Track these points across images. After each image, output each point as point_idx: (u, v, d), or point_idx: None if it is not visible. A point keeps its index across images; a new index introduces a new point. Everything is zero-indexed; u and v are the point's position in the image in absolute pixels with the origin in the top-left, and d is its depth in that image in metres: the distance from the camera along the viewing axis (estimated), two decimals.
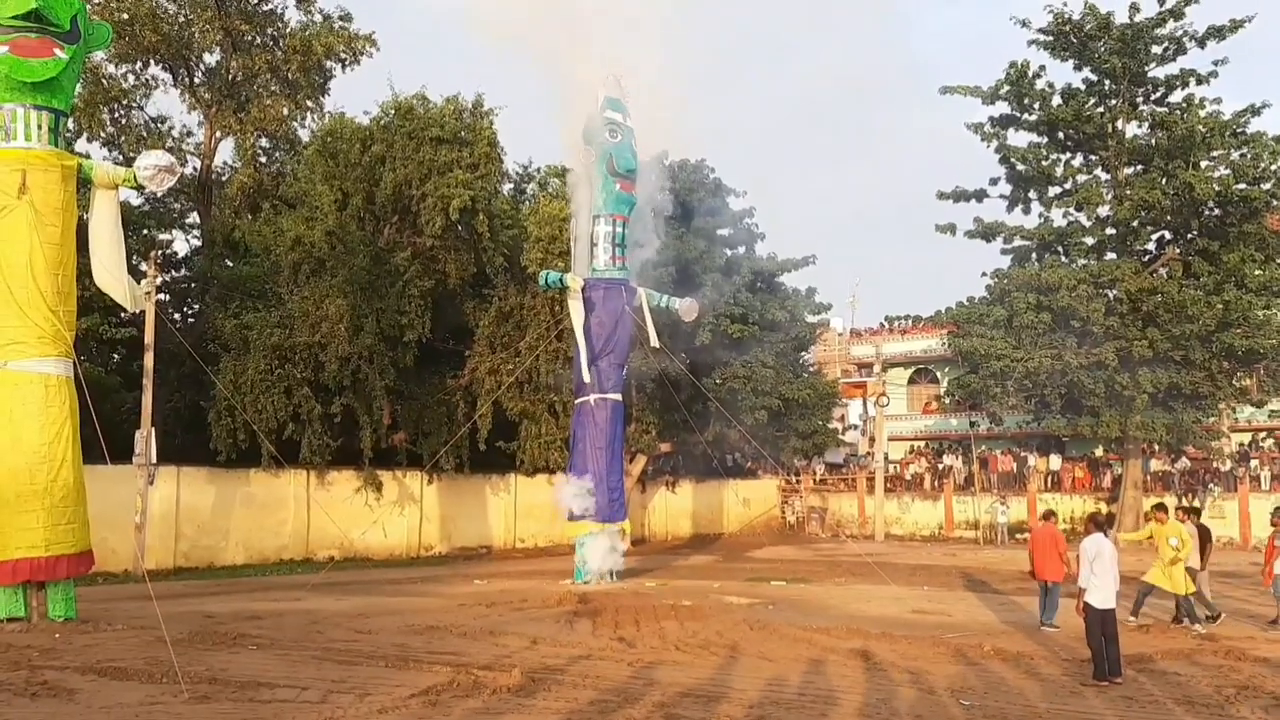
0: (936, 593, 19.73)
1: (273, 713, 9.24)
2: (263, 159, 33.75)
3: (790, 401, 31.80)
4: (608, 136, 21.39)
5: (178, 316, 31.62)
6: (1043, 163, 31.80)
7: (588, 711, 9.28)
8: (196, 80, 31.74)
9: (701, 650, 12.64)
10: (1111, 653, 10.82)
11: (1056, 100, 31.64)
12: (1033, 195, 32.84)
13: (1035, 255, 32.91)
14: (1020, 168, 32.17)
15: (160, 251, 28.90)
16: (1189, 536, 14.71)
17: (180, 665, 10.63)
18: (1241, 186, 28.92)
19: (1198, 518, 16.56)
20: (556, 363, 27.68)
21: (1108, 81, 31.18)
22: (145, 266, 24.00)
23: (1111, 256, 31.64)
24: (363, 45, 32.10)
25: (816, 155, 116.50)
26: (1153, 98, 31.58)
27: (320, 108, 32.77)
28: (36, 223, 14.55)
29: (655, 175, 24.66)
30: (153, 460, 22.81)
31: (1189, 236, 31.11)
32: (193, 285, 32.77)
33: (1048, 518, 15.68)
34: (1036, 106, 31.77)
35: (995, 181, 33.09)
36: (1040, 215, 33.05)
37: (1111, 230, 31.53)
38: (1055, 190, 32.42)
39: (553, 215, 27.70)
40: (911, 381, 47.51)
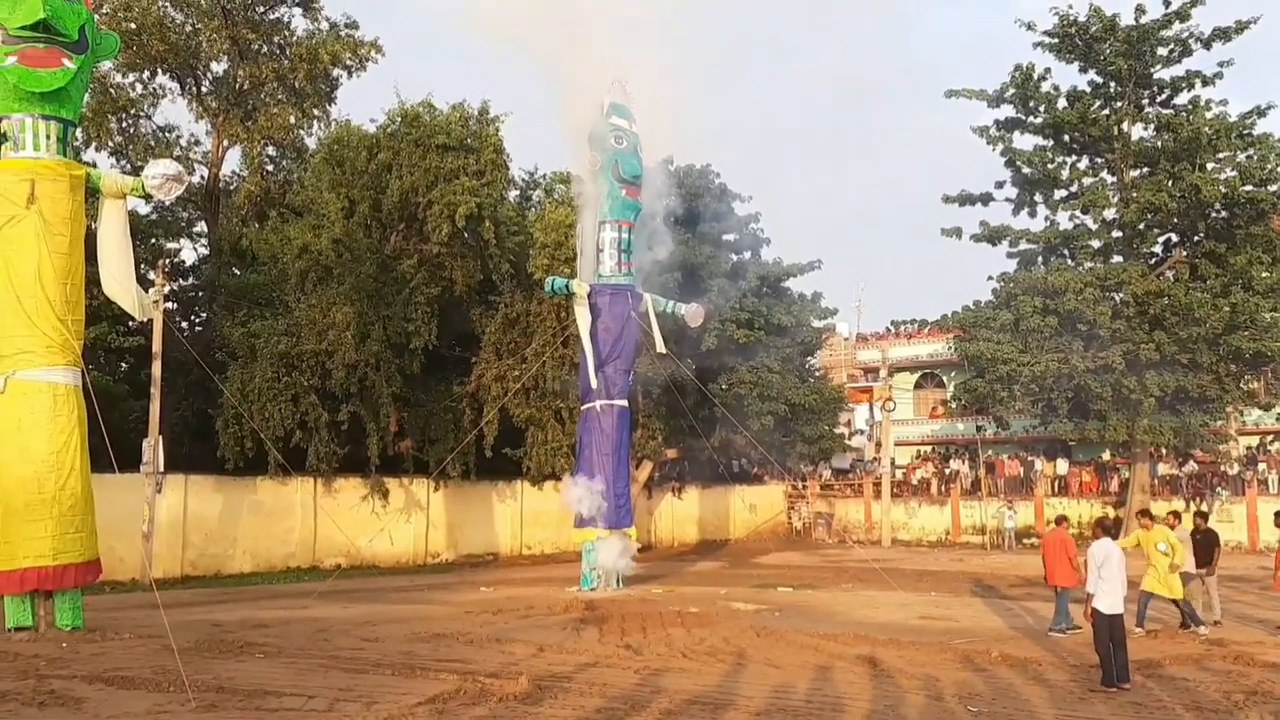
0: (943, 598, 19.69)
1: None
2: (270, 167, 33.91)
3: (796, 407, 31.75)
4: (613, 142, 21.38)
5: (185, 325, 31.75)
6: (1048, 166, 31.76)
7: (595, 719, 9.28)
8: (204, 89, 31.94)
9: (708, 657, 12.62)
10: (1119, 658, 10.78)
11: (1062, 103, 31.60)
12: (1038, 198, 32.80)
13: (1041, 258, 32.82)
14: (1026, 171, 32.15)
15: (168, 260, 29.08)
16: (1177, 541, 14.66)
17: (187, 674, 10.64)
18: (1248, 188, 28.82)
19: (1205, 521, 16.48)
20: (563, 369, 27.68)
21: (1113, 84, 31.14)
22: (153, 275, 24.08)
23: (1118, 259, 31.57)
24: (368, 51, 32.31)
25: (817, 156, 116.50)
26: (1158, 100, 31.55)
27: (327, 116, 32.99)
28: (45, 232, 14.58)
29: (661, 180, 24.68)
30: (160, 468, 22.92)
31: (1196, 239, 31.02)
32: (200, 294, 32.90)
33: (1059, 523, 15.64)
34: (1042, 109, 31.74)
35: (1001, 185, 33.09)
36: (1046, 218, 33.04)
37: (1118, 233, 31.47)
38: (1061, 193, 32.37)
39: (558, 221, 27.75)
40: (918, 386, 47.44)
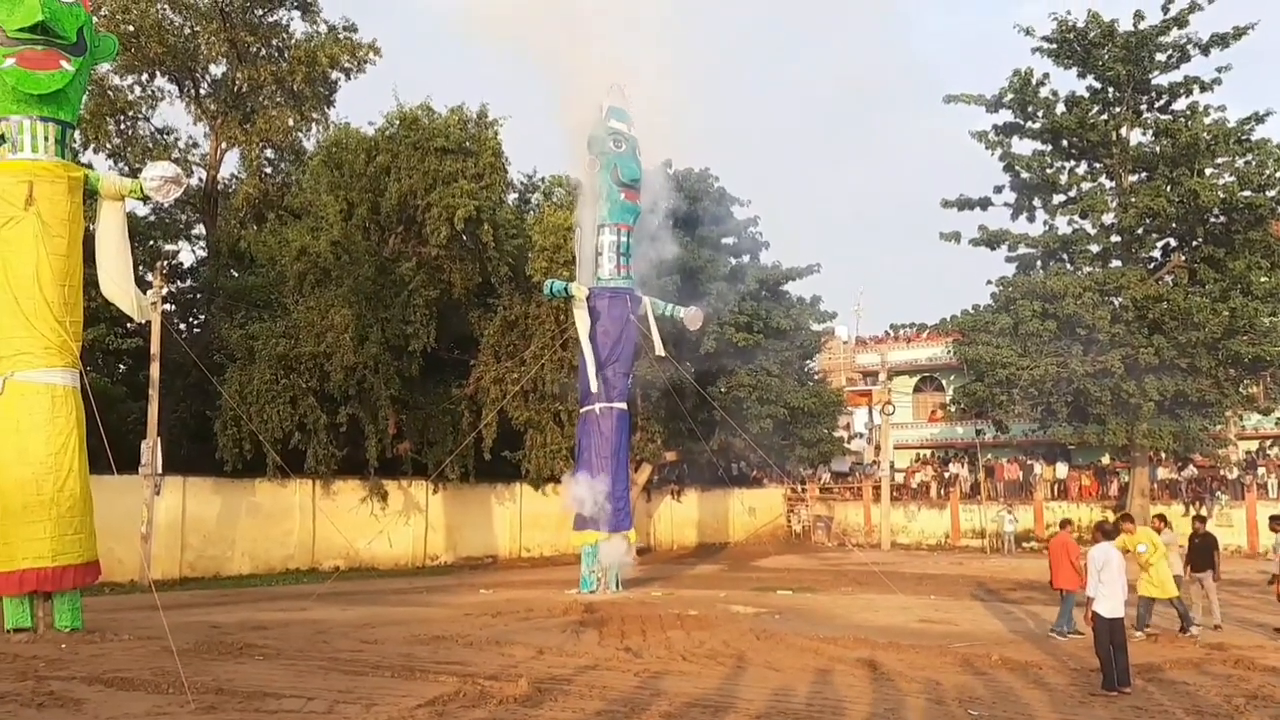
0: (943, 602, 19.67)
1: None
2: (268, 170, 33.87)
3: (796, 410, 31.74)
4: (612, 146, 21.38)
5: (183, 327, 31.74)
6: (1047, 170, 31.83)
7: None
8: (202, 91, 31.91)
9: (708, 660, 12.61)
10: (1120, 662, 10.77)
11: (1060, 108, 31.69)
12: (1037, 203, 32.89)
13: (1040, 263, 32.88)
14: (1024, 175, 32.22)
15: (166, 262, 28.98)
16: (1159, 541, 14.68)
17: (187, 675, 10.61)
18: (1247, 193, 28.88)
19: (1204, 525, 16.52)
20: (561, 372, 27.66)
21: (1111, 89, 31.22)
22: (151, 277, 24.08)
23: (1117, 264, 31.61)
24: (366, 53, 32.27)
25: (816, 158, 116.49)
26: (1157, 105, 31.64)
27: (325, 118, 32.95)
28: (43, 234, 14.56)
29: (660, 183, 24.66)
30: (159, 470, 22.89)
31: (1194, 243, 31.08)
32: (198, 295, 32.88)
33: (1064, 526, 15.69)
34: (1040, 114, 31.82)
35: (1000, 189, 33.18)
36: (1045, 223, 33.16)
37: (1116, 238, 31.52)
38: (1060, 198, 32.45)
39: (557, 225, 27.74)
40: (917, 389, 47.45)
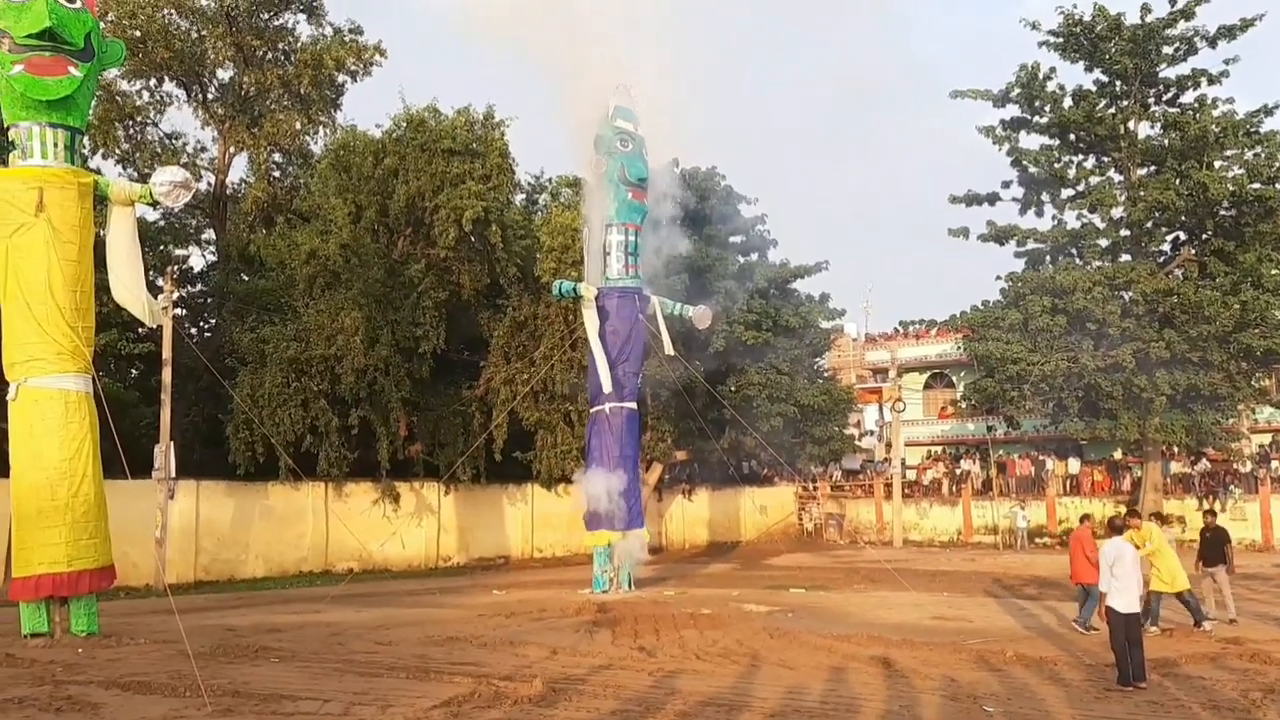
0: (957, 599, 19.62)
1: None
2: (276, 173, 33.97)
3: (806, 408, 31.71)
4: (619, 145, 21.38)
5: (195, 331, 31.82)
6: (1055, 165, 31.71)
7: None
8: (210, 96, 32.02)
9: (722, 659, 12.60)
10: (1135, 657, 10.73)
11: (1068, 102, 31.56)
12: (1045, 198, 32.76)
13: (1049, 258, 32.78)
14: (1032, 170, 32.11)
15: (177, 266, 29.16)
16: (1160, 536, 14.62)
17: (203, 678, 10.65)
18: (1256, 186, 28.79)
19: (1214, 519, 16.51)
20: (571, 372, 27.69)
21: (1119, 82, 31.10)
22: (162, 282, 24.18)
23: (1126, 258, 31.52)
24: (372, 55, 32.34)
25: (818, 156, 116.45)
26: (1164, 98, 31.51)
27: (332, 121, 33.03)
28: (54, 240, 14.62)
29: (667, 182, 24.66)
30: (172, 474, 22.99)
31: (1204, 237, 30.95)
32: (209, 300, 33.00)
33: (1083, 521, 15.68)
34: (1047, 109, 31.71)
35: (1008, 184, 33.05)
36: (1053, 218, 33.03)
37: (1126, 232, 31.41)
38: (1068, 192, 32.33)
39: (565, 225, 27.76)
40: (927, 386, 47.31)
